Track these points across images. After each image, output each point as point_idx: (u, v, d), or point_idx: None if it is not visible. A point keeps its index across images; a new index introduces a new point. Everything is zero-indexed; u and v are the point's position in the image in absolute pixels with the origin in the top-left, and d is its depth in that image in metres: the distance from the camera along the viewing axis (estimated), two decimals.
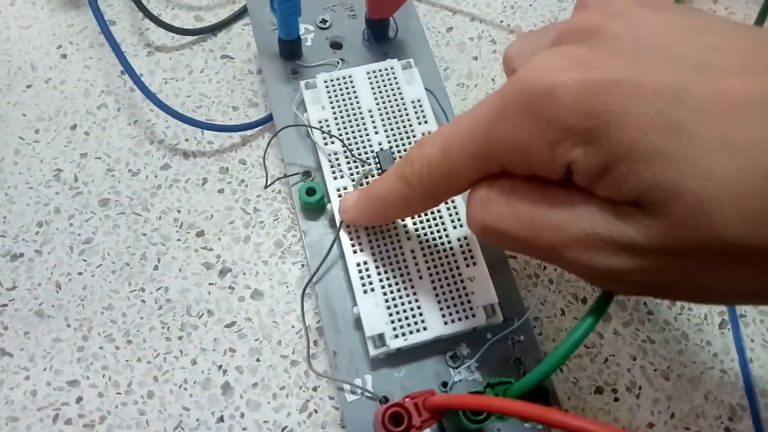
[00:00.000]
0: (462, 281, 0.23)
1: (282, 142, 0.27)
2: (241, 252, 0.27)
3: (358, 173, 0.25)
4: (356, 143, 0.25)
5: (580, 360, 0.25)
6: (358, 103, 0.26)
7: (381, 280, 0.23)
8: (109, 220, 0.27)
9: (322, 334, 0.25)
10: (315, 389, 0.24)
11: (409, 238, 0.24)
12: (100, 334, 0.25)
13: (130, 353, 0.25)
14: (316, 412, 0.24)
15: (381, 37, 0.29)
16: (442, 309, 0.23)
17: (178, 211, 0.28)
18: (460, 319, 0.22)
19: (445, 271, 0.23)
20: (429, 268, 0.23)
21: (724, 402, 0.25)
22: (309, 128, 0.26)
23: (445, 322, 0.22)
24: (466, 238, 0.24)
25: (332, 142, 0.25)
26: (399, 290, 0.23)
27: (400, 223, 0.24)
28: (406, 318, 0.22)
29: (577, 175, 0.15)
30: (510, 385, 0.18)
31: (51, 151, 0.29)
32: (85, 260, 0.26)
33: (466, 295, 0.23)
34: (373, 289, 0.23)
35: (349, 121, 0.26)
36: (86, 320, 0.25)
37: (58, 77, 0.30)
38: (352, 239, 0.24)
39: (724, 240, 0.13)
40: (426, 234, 0.24)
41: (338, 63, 0.28)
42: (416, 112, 0.26)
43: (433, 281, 0.23)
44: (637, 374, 0.25)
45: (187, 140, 0.29)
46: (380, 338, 0.22)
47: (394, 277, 0.23)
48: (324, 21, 0.29)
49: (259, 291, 0.26)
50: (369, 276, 0.23)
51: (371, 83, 0.26)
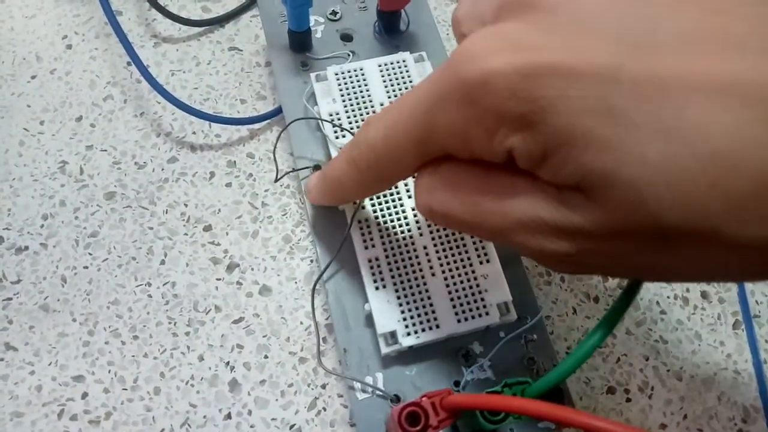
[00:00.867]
0: (475, 278, 0.23)
1: (292, 135, 0.26)
2: (249, 247, 0.26)
3: None
4: None
5: (593, 360, 0.25)
6: (369, 96, 0.26)
7: (393, 277, 0.22)
8: (115, 214, 0.27)
9: (332, 331, 0.24)
10: (324, 387, 0.24)
11: (422, 234, 0.23)
12: (105, 329, 0.25)
13: (136, 349, 0.24)
14: (324, 410, 0.24)
15: (392, 30, 0.28)
16: (455, 306, 0.22)
17: (185, 205, 0.27)
18: (473, 317, 0.22)
19: (458, 268, 0.23)
20: (442, 265, 0.23)
21: (738, 403, 0.25)
22: (320, 121, 0.25)
23: (458, 320, 0.22)
24: None
25: (343, 136, 0.25)
26: (411, 287, 0.22)
27: (412, 219, 0.23)
28: (419, 315, 0.22)
29: (519, 160, 0.14)
30: (528, 385, 0.18)
31: (56, 143, 0.28)
32: (90, 254, 0.26)
33: (480, 292, 0.22)
34: (384, 286, 0.22)
35: (361, 115, 0.25)
36: (92, 315, 0.25)
37: (64, 68, 0.30)
38: (363, 235, 0.23)
39: (662, 225, 0.13)
40: (438, 230, 0.23)
41: (348, 55, 0.28)
42: None
43: (446, 278, 0.23)
44: (650, 374, 0.25)
45: (194, 133, 0.29)
46: (392, 336, 0.22)
47: (406, 273, 0.23)
48: (334, 12, 0.29)
49: (268, 287, 0.26)
50: (381, 272, 0.23)
51: (383, 76, 0.26)
